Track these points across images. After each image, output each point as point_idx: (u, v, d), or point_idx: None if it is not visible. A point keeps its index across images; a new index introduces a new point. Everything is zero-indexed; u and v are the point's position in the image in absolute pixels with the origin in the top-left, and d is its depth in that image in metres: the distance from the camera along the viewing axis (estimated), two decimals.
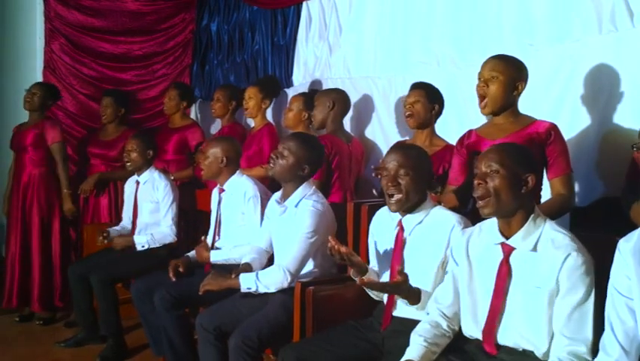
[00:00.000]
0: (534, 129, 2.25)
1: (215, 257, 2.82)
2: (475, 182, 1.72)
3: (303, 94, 3.55)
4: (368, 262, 2.28)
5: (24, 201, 3.90)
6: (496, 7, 2.94)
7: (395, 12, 3.47)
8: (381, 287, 2.01)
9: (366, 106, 3.65)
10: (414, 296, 1.94)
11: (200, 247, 2.88)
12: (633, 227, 1.58)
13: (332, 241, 2.02)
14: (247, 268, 2.54)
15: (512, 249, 1.70)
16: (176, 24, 5.04)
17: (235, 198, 2.91)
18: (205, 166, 2.96)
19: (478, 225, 1.86)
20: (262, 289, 2.37)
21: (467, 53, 3.05)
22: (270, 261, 2.66)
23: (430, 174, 2.08)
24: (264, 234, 2.68)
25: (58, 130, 3.95)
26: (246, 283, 2.38)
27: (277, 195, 2.60)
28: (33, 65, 4.74)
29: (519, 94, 2.31)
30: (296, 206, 2.48)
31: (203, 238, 2.96)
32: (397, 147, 2.12)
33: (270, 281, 2.37)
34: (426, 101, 2.80)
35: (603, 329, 1.49)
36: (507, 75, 2.25)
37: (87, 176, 4.13)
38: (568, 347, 1.57)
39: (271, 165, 2.50)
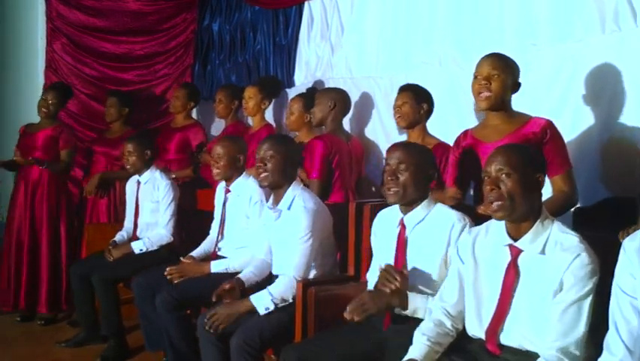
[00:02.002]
0: (530, 129, 2.23)
1: (215, 268, 2.81)
2: (488, 187, 1.71)
3: (302, 95, 3.55)
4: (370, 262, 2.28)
5: (32, 200, 3.91)
6: (498, 6, 2.94)
7: (397, 12, 3.47)
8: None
9: (368, 106, 3.65)
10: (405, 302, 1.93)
11: (195, 263, 2.88)
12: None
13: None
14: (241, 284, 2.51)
15: (520, 251, 1.70)
16: (178, 24, 5.05)
17: (241, 200, 2.90)
18: (221, 167, 2.89)
19: (484, 224, 1.85)
20: (282, 303, 2.34)
21: (469, 52, 3.03)
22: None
23: (431, 172, 2.08)
24: (263, 243, 2.68)
25: (74, 140, 4.03)
26: (262, 304, 2.33)
27: (269, 202, 2.59)
28: (35, 64, 4.75)
29: (515, 92, 2.31)
30: (289, 208, 2.48)
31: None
32: (400, 144, 2.13)
33: (284, 292, 2.34)
34: (413, 102, 2.83)
35: (607, 329, 1.48)
36: (507, 74, 2.25)
37: (90, 174, 4.16)
38: (556, 342, 1.57)
39: (262, 176, 2.48)
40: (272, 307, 2.32)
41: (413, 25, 3.36)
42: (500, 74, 2.24)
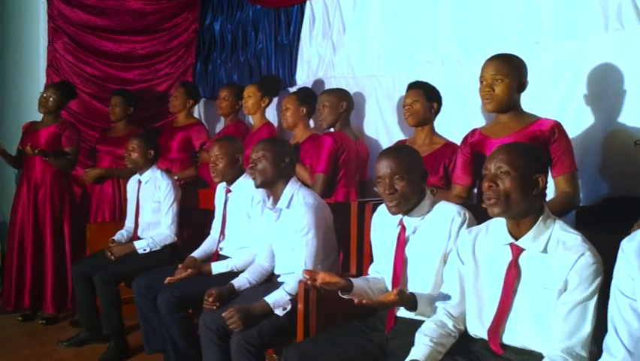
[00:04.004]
0: (538, 127, 2.24)
1: (217, 269, 2.81)
2: (485, 184, 1.69)
3: (294, 93, 3.58)
4: (372, 259, 2.28)
5: (35, 200, 3.91)
6: (501, 5, 2.93)
7: (399, 11, 3.46)
8: (379, 305, 1.88)
9: (370, 105, 3.64)
10: (410, 304, 1.89)
11: (198, 264, 2.87)
12: None
13: (306, 275, 1.97)
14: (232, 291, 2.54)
15: (522, 250, 1.68)
16: (180, 23, 5.04)
17: (242, 200, 2.89)
18: (220, 168, 2.88)
19: (484, 224, 1.84)
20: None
21: (472, 51, 3.03)
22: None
23: (422, 170, 2.06)
24: (264, 247, 2.68)
25: (77, 137, 4.02)
26: (280, 303, 2.33)
27: (268, 203, 2.60)
28: (36, 64, 4.74)
29: (522, 91, 2.30)
30: (288, 207, 2.49)
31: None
32: (387, 153, 2.07)
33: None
34: (424, 100, 2.82)
35: (607, 330, 1.47)
36: (511, 76, 2.24)
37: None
38: (562, 343, 1.56)
39: (253, 176, 2.51)
40: (289, 307, 2.32)
41: (415, 24, 3.35)
42: (504, 79, 2.24)
